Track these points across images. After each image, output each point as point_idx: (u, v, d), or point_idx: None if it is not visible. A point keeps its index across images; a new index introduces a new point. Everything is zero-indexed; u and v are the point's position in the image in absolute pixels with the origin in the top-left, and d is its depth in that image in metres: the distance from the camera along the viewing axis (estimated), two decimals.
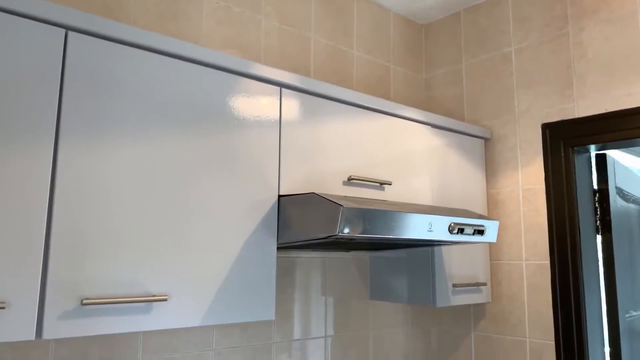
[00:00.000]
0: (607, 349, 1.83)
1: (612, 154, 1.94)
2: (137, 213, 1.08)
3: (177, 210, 1.14)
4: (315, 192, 1.32)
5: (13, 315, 0.91)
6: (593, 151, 1.85)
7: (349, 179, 1.48)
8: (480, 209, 1.97)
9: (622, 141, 1.70)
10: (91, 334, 0.99)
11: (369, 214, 1.21)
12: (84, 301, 0.97)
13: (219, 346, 1.56)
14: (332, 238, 1.19)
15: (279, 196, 1.33)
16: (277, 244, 1.31)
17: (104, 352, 1.34)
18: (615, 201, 1.92)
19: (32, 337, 0.92)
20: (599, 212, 1.87)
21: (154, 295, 1.07)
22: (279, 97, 1.37)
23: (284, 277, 1.74)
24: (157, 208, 1.11)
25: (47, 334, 0.93)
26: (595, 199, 1.88)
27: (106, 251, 1.03)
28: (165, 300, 1.08)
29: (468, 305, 2.03)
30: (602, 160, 1.89)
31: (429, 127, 1.79)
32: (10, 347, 1.21)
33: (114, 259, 1.03)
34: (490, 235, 1.53)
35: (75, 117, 1.02)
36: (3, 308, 0.88)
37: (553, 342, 1.77)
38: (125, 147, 1.08)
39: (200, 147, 1.20)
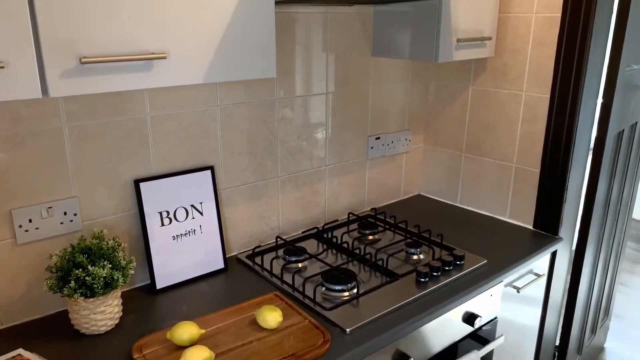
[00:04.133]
0: (599, 100, 1.89)
1: None
2: None
3: None
4: None
5: (14, 75, 0.91)
6: None
7: None
8: None
9: None
10: (94, 92, 1.01)
11: None
12: (83, 60, 0.96)
13: (224, 102, 1.62)
14: None
15: None
16: None
17: (112, 107, 1.40)
18: None
19: (39, 95, 0.94)
20: None
21: (152, 53, 1.06)
22: None
23: (284, 34, 1.70)
24: None
25: (52, 92, 0.95)
26: None
27: (97, 7, 0.97)
28: (165, 58, 1.07)
29: (469, 61, 2.03)
30: None
31: None
32: (24, 105, 1.26)
33: (107, 17, 0.99)
34: None
35: None
36: (2, 67, 0.88)
37: (548, 96, 1.82)
38: None
39: None
